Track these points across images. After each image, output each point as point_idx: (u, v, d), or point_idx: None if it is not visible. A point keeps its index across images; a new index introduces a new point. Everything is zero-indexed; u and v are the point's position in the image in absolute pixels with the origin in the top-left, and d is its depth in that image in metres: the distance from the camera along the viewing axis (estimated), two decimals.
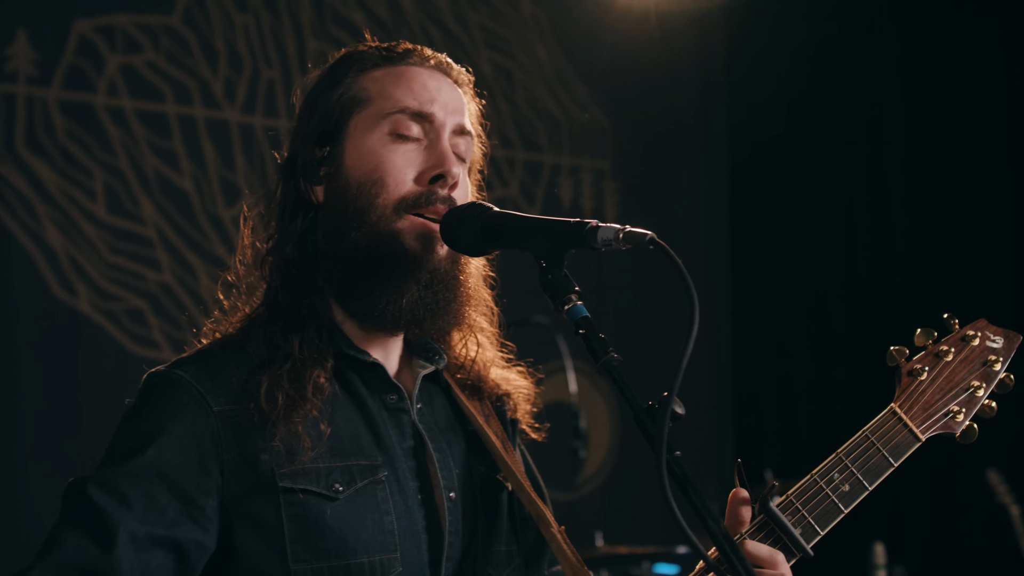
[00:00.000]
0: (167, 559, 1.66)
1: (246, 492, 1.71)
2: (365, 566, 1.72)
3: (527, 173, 6.75)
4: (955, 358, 1.86)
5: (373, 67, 1.91)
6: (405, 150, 1.85)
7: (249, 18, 5.90)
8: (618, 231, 1.57)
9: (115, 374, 5.26)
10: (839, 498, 1.75)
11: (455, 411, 1.97)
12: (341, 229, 1.83)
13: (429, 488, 1.83)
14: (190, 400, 1.73)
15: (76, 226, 5.33)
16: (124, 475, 1.67)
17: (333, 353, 1.82)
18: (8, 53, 5.19)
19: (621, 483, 6.83)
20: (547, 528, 1.88)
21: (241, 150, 5.80)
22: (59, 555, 1.61)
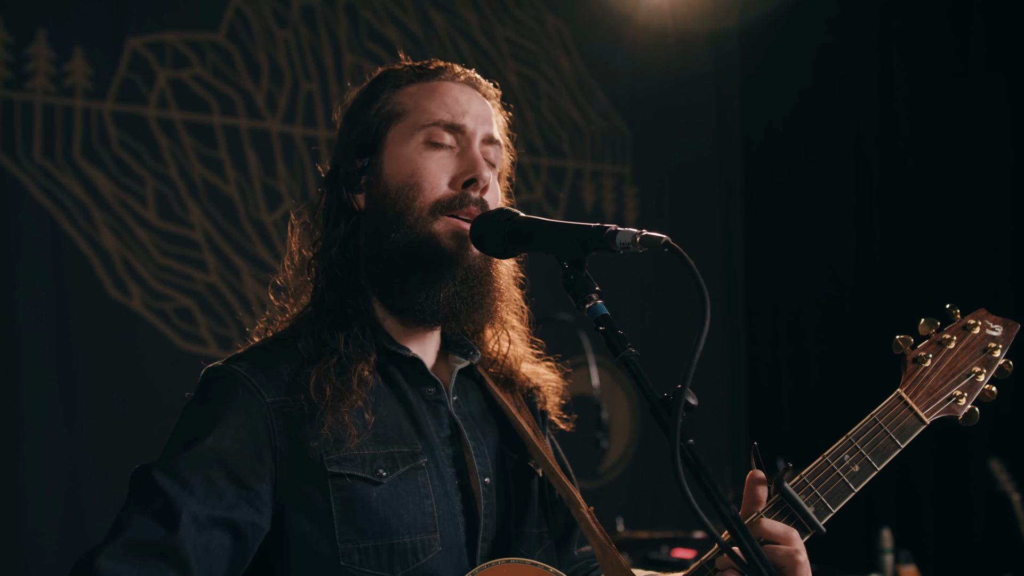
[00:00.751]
0: (226, 539, 1.68)
1: (297, 477, 1.74)
2: (407, 545, 1.75)
3: (551, 178, 6.76)
4: (957, 346, 1.87)
5: (408, 83, 1.95)
6: (439, 156, 1.88)
7: (289, 34, 5.93)
8: (635, 235, 1.59)
9: (165, 368, 5.31)
10: (849, 478, 1.77)
11: (488, 403, 2.00)
12: (382, 231, 1.86)
13: (465, 474, 1.85)
14: (245, 392, 1.76)
15: (129, 230, 5.36)
16: (186, 461, 1.70)
17: (376, 348, 1.85)
18: (66, 69, 5.22)
19: (641, 472, 6.82)
20: (577, 509, 1.90)
21: (282, 158, 5.83)
22: (128, 535, 1.64)
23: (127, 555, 1.62)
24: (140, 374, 5.28)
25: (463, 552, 1.81)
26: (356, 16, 6.15)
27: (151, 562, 1.62)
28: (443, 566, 1.77)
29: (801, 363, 7.03)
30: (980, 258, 6.12)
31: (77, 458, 5.07)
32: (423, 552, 1.76)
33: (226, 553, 1.69)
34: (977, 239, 6.16)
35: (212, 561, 1.67)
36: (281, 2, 5.91)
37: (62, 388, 5.09)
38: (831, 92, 6.88)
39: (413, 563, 1.75)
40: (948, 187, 6.28)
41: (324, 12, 6.04)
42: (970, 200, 6.21)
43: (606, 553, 1.86)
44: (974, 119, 6.19)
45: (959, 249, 6.19)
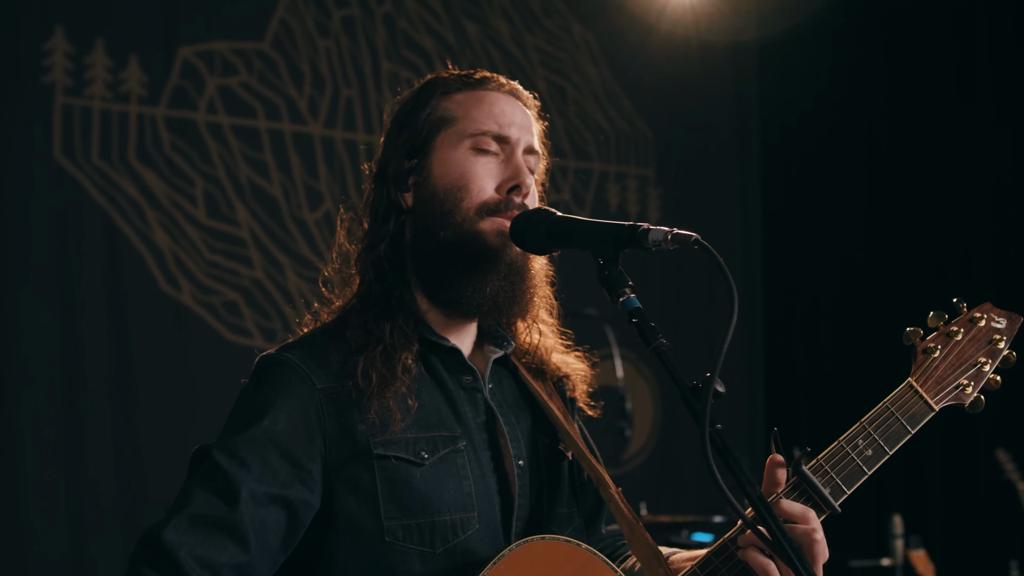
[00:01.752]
0: (280, 515, 1.71)
1: (345, 459, 1.76)
2: (447, 523, 1.77)
3: (578, 180, 6.78)
4: (964, 337, 1.88)
5: (456, 91, 1.95)
6: (485, 162, 1.90)
7: (330, 42, 5.96)
8: (667, 233, 1.60)
9: (214, 358, 5.36)
10: (863, 461, 1.78)
11: (522, 390, 2.01)
12: (430, 229, 1.88)
13: (500, 457, 1.87)
14: (297, 379, 1.78)
15: (180, 228, 5.41)
16: (243, 442, 1.72)
17: (418, 339, 1.88)
18: (122, 76, 5.28)
19: (662, 459, 6.84)
20: (606, 490, 1.91)
21: (323, 160, 5.86)
22: (191, 509, 1.67)
23: (191, 528, 1.65)
24: (189, 364, 5.34)
25: (499, 530, 1.83)
26: (393, 26, 6.17)
27: (213, 535, 1.66)
28: (480, 543, 1.79)
29: (816, 353, 7.03)
30: (984, 251, 6.13)
31: (131, 442, 5.14)
32: (462, 529, 1.78)
33: (280, 528, 1.72)
34: (982, 233, 6.16)
35: (268, 535, 1.70)
36: (323, 13, 5.94)
37: (117, 376, 5.15)
38: (844, 100, 6.87)
39: (453, 539, 1.77)
40: (954, 183, 6.28)
41: (363, 22, 6.08)
42: (974, 195, 6.20)
43: (634, 531, 1.87)
44: (979, 117, 6.18)
45: (965, 242, 6.19)
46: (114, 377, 5.14)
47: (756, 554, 1.69)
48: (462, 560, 1.76)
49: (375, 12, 6.11)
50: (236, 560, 1.67)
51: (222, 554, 1.66)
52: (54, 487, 4.94)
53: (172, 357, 5.31)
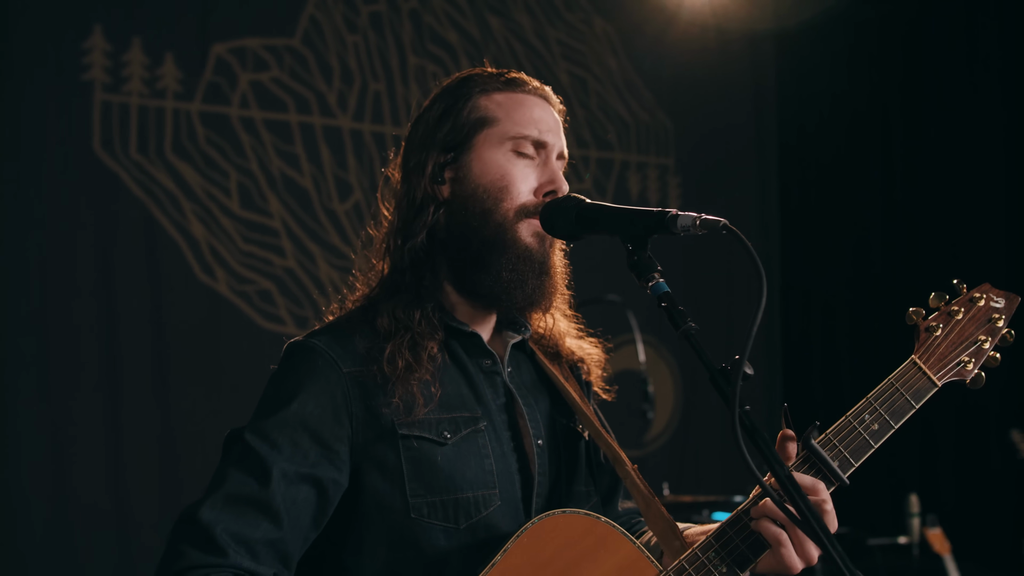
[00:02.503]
0: (310, 493, 1.73)
1: (371, 440, 1.78)
2: (470, 500, 1.79)
3: (599, 169, 6.76)
4: (964, 317, 1.90)
5: (494, 91, 1.95)
6: (524, 165, 1.90)
7: (358, 38, 5.97)
8: (695, 218, 1.61)
9: (248, 344, 5.41)
10: (869, 435, 1.80)
11: (539, 373, 2.03)
12: (469, 225, 1.88)
13: (520, 437, 1.89)
14: (324, 364, 1.79)
15: (215, 219, 5.45)
16: (274, 425, 1.74)
17: (442, 326, 1.89)
18: (158, 73, 5.31)
19: (682, 441, 6.85)
20: (623, 467, 1.93)
21: (352, 152, 5.88)
22: (226, 489, 1.69)
23: (226, 506, 1.68)
24: (224, 350, 5.39)
25: (519, 507, 1.85)
26: (419, 21, 6.18)
27: (247, 513, 1.68)
28: (502, 519, 1.81)
29: (830, 338, 7.02)
30: (989, 242, 6.11)
31: (168, 424, 5.20)
32: (484, 506, 1.80)
33: (310, 506, 1.74)
34: (986, 226, 6.15)
35: (299, 512, 1.72)
36: (351, 9, 5.95)
37: (156, 361, 5.21)
38: (860, 90, 6.84)
39: (475, 515, 1.79)
40: (961, 179, 6.27)
41: (390, 18, 6.09)
42: (988, 186, 6.17)
43: (650, 506, 1.89)
44: (994, 111, 6.13)
45: (979, 232, 6.17)
46: (153, 363, 5.20)
47: (769, 524, 1.72)
48: (484, 535, 1.79)
49: (401, 8, 6.12)
50: (269, 536, 1.69)
51: (256, 530, 1.68)
52: (96, 467, 5.01)
53: (208, 343, 5.36)
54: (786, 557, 1.71)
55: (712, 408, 6.91)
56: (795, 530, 1.70)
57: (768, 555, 1.74)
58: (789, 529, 1.71)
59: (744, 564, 1.75)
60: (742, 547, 1.75)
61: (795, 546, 1.71)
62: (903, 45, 6.65)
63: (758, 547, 1.74)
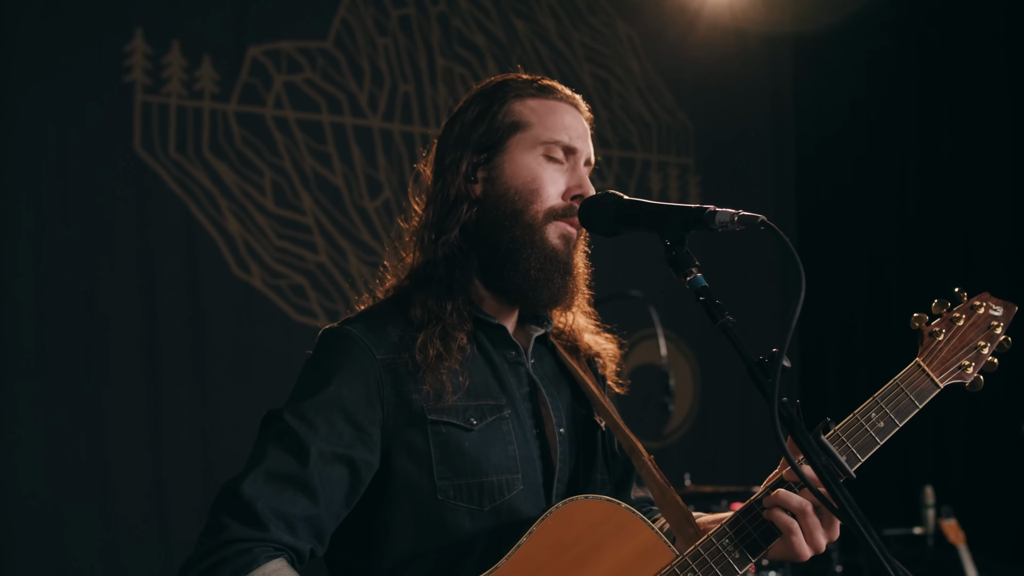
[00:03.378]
0: (344, 473, 1.76)
1: (402, 424, 1.81)
2: (494, 483, 1.82)
3: (621, 168, 6.75)
4: (965, 323, 1.95)
5: (528, 96, 1.97)
6: (554, 169, 1.93)
7: (388, 40, 5.99)
8: (733, 215, 1.64)
9: (281, 337, 5.43)
10: (875, 433, 1.83)
11: (559, 366, 2.05)
12: (501, 224, 1.91)
13: (541, 425, 1.92)
14: (359, 350, 1.82)
15: (250, 216, 5.47)
16: (311, 407, 1.77)
17: (470, 318, 1.92)
18: (196, 75, 5.34)
19: (702, 433, 6.84)
20: (639, 458, 1.96)
21: (382, 151, 5.89)
22: (266, 466, 1.72)
23: (267, 482, 1.71)
24: (258, 342, 5.40)
25: (540, 491, 1.88)
26: (447, 24, 6.19)
27: (286, 489, 1.71)
28: (524, 503, 1.84)
29: (847, 340, 6.99)
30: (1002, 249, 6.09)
31: (206, 413, 5.24)
32: (507, 490, 1.83)
33: (344, 485, 1.77)
34: (998, 233, 6.14)
35: (333, 491, 1.75)
36: (381, 12, 5.96)
37: (194, 353, 5.24)
38: (877, 92, 6.84)
39: (499, 498, 1.82)
40: (975, 186, 6.25)
41: (419, 21, 6.10)
42: (993, 200, 6.16)
43: (665, 495, 1.92)
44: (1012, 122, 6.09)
45: (985, 243, 6.17)
46: (190, 354, 5.23)
47: (781, 514, 1.75)
48: (507, 518, 1.82)
49: (430, 11, 6.13)
50: (307, 512, 1.72)
51: (295, 507, 1.71)
52: (138, 454, 5.05)
53: (243, 336, 5.38)
54: (796, 545, 1.75)
55: (729, 401, 6.90)
56: (806, 519, 1.74)
57: (779, 542, 1.78)
58: (800, 518, 1.74)
59: (756, 551, 1.78)
60: (754, 534, 1.78)
61: (805, 534, 1.75)
62: (918, 48, 6.62)
63: (770, 535, 1.78)
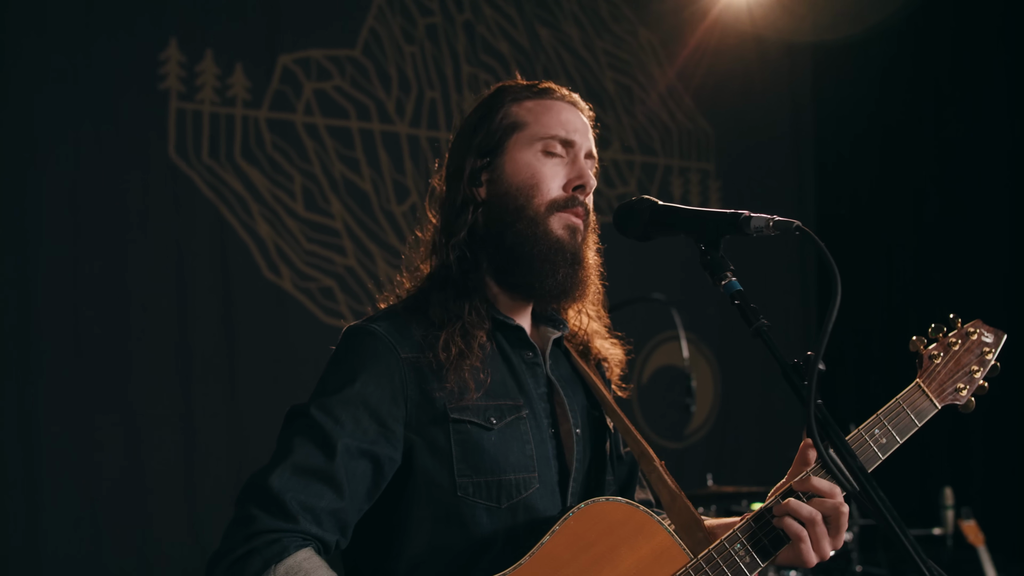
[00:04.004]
0: (368, 468, 1.77)
1: (425, 422, 1.82)
2: (512, 481, 1.83)
3: (643, 173, 6.75)
4: (960, 348, 2.00)
5: (525, 99, 2.00)
6: (553, 164, 1.95)
7: (415, 48, 6.02)
8: (768, 219, 1.64)
9: (311, 339, 5.41)
10: (878, 448, 1.88)
11: (573, 369, 2.07)
12: (505, 222, 1.93)
13: (557, 425, 1.93)
14: (383, 348, 1.83)
15: (280, 220, 5.50)
16: (337, 402, 1.78)
17: (488, 318, 1.92)
18: (229, 83, 5.39)
19: (721, 434, 6.81)
20: (649, 463, 1.98)
21: (409, 157, 5.92)
22: (293, 459, 1.73)
23: (294, 475, 1.72)
24: (288, 343, 5.43)
25: (556, 490, 1.90)
26: (473, 32, 6.21)
27: (313, 483, 1.72)
28: (540, 501, 1.85)
29: (865, 346, 6.95)
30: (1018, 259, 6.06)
31: (237, 412, 5.27)
32: (524, 488, 1.84)
33: (367, 480, 1.78)
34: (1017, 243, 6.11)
35: (358, 485, 1.77)
36: (408, 21, 5.99)
37: (225, 354, 5.28)
38: (896, 100, 6.79)
39: (516, 496, 1.83)
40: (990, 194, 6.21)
41: (445, 29, 6.12)
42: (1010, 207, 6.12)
43: (675, 500, 1.93)
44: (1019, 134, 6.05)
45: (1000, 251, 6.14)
46: (222, 356, 5.27)
47: (791, 522, 1.77)
48: (524, 516, 1.83)
49: (456, 20, 6.15)
50: (333, 506, 1.73)
51: (321, 500, 1.72)
52: (171, 454, 5.09)
53: (274, 337, 5.42)
54: (804, 552, 1.77)
55: (749, 402, 6.88)
56: (815, 528, 1.76)
57: (788, 549, 1.80)
58: (809, 527, 1.77)
59: (766, 556, 1.81)
60: (765, 540, 1.80)
61: (813, 543, 1.77)
62: (938, 63, 6.59)
63: (779, 541, 1.80)
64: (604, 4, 6.73)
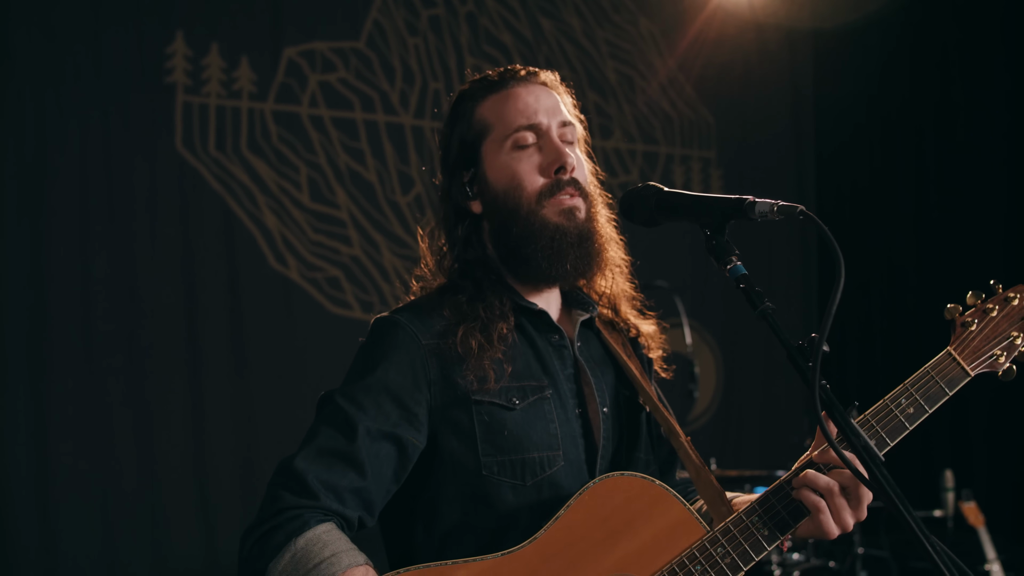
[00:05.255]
0: (392, 450, 1.81)
1: (447, 404, 1.85)
2: (536, 460, 1.85)
3: (645, 162, 6.74)
4: (999, 314, 1.92)
5: (483, 97, 1.99)
6: (527, 156, 1.93)
7: (419, 40, 6.01)
8: (772, 205, 1.64)
9: (317, 328, 5.47)
10: (905, 418, 1.83)
11: (605, 350, 2.06)
12: (504, 227, 1.94)
13: (585, 405, 1.93)
14: (406, 336, 1.87)
15: (287, 211, 5.51)
16: (360, 389, 1.82)
17: (512, 307, 1.94)
18: (234, 75, 5.39)
19: (724, 420, 6.84)
20: (677, 439, 1.97)
21: (414, 148, 5.92)
22: (317, 443, 1.78)
23: (317, 457, 1.77)
24: (296, 332, 5.45)
25: (583, 468, 1.90)
26: (476, 24, 6.20)
27: (336, 464, 1.77)
28: (565, 478, 1.86)
29: (867, 336, 6.95)
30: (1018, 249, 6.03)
31: (246, 400, 5.28)
32: (549, 465, 1.86)
33: (392, 461, 1.81)
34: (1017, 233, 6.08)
35: (381, 466, 1.80)
36: (412, 13, 5.98)
37: (233, 343, 5.29)
38: (897, 91, 6.78)
39: (540, 474, 1.85)
40: (990, 184, 6.19)
41: (448, 21, 6.11)
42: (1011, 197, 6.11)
43: (700, 474, 1.93)
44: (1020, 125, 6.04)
45: (1000, 241, 6.12)
46: (230, 345, 5.27)
47: (809, 493, 1.76)
48: (549, 492, 1.84)
49: (459, 11, 6.14)
50: (355, 485, 1.77)
51: (343, 479, 1.76)
52: (180, 443, 5.10)
53: (281, 327, 5.42)
54: (824, 523, 1.75)
55: (752, 388, 6.88)
56: (833, 498, 1.74)
57: (807, 521, 1.78)
58: (828, 498, 1.75)
59: (784, 528, 1.79)
60: (783, 513, 1.79)
61: (833, 513, 1.75)
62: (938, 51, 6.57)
63: (798, 513, 1.78)
64: None
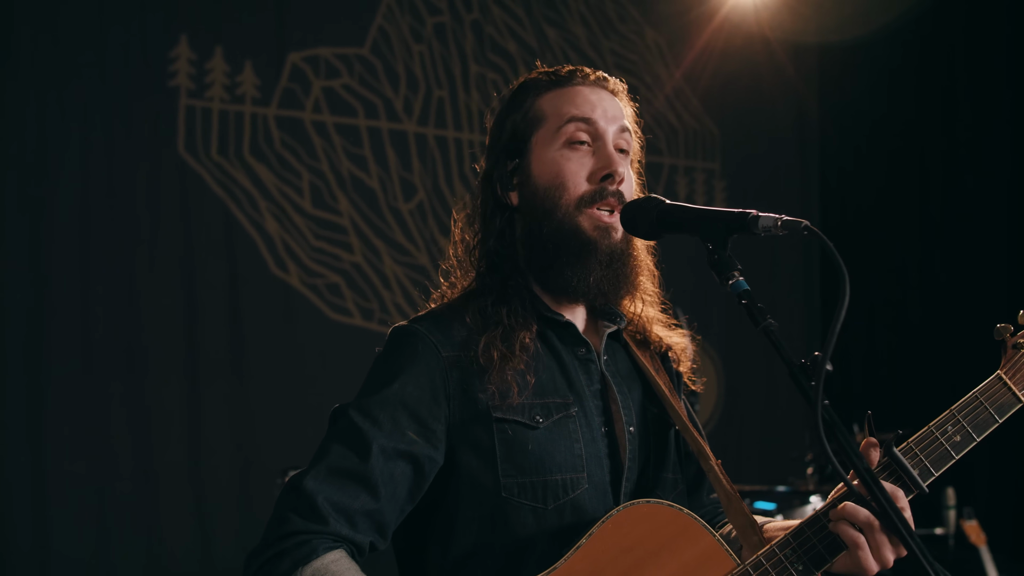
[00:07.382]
0: (407, 468, 1.72)
1: (467, 420, 1.76)
2: (559, 482, 1.76)
3: (649, 173, 6.67)
4: None
5: (546, 90, 1.91)
6: (578, 156, 1.85)
7: (423, 47, 5.99)
8: (776, 219, 1.57)
9: (318, 334, 5.44)
10: (951, 446, 1.73)
11: (633, 364, 1.98)
12: (536, 225, 1.85)
13: (611, 423, 1.85)
14: (425, 348, 1.77)
15: (288, 217, 5.48)
16: (376, 403, 1.73)
17: (535, 317, 1.85)
18: (238, 80, 5.37)
19: (724, 433, 6.76)
20: (706, 461, 1.88)
21: (417, 155, 5.89)
22: (328, 462, 1.69)
23: (328, 477, 1.68)
24: (296, 339, 5.42)
25: (608, 490, 1.81)
26: (481, 31, 6.18)
27: (347, 485, 1.68)
28: (589, 501, 1.78)
29: (871, 346, 6.89)
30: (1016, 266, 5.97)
31: (245, 407, 5.25)
32: (572, 488, 1.77)
33: (407, 480, 1.73)
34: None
35: (396, 486, 1.71)
36: (417, 20, 5.96)
37: (231, 350, 5.26)
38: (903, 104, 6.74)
39: (563, 497, 1.76)
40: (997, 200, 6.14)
41: (453, 28, 6.09)
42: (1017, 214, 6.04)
43: (731, 501, 1.85)
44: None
45: (1007, 257, 6.04)
46: (229, 351, 5.25)
47: (847, 527, 1.65)
48: (571, 517, 1.75)
49: (464, 19, 6.12)
50: (367, 507, 1.68)
51: (355, 501, 1.67)
52: (177, 448, 5.07)
53: (281, 333, 5.40)
54: (863, 559, 1.64)
55: (753, 402, 6.84)
56: (873, 533, 1.64)
57: (844, 556, 1.68)
58: (867, 532, 1.64)
59: (820, 564, 1.69)
60: (819, 547, 1.69)
61: (872, 549, 1.64)
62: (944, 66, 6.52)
63: (835, 548, 1.68)
64: (611, 4, 6.69)
